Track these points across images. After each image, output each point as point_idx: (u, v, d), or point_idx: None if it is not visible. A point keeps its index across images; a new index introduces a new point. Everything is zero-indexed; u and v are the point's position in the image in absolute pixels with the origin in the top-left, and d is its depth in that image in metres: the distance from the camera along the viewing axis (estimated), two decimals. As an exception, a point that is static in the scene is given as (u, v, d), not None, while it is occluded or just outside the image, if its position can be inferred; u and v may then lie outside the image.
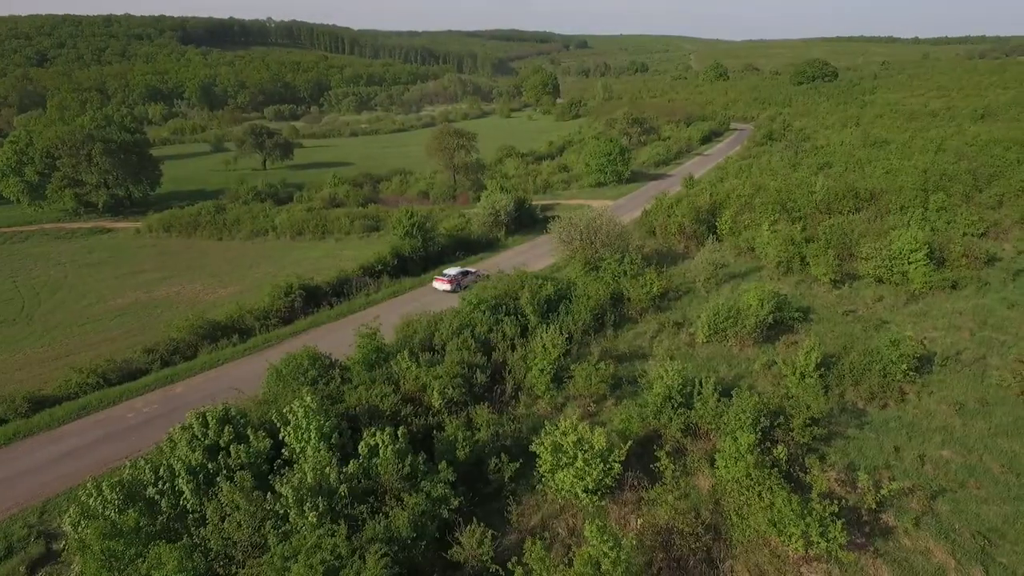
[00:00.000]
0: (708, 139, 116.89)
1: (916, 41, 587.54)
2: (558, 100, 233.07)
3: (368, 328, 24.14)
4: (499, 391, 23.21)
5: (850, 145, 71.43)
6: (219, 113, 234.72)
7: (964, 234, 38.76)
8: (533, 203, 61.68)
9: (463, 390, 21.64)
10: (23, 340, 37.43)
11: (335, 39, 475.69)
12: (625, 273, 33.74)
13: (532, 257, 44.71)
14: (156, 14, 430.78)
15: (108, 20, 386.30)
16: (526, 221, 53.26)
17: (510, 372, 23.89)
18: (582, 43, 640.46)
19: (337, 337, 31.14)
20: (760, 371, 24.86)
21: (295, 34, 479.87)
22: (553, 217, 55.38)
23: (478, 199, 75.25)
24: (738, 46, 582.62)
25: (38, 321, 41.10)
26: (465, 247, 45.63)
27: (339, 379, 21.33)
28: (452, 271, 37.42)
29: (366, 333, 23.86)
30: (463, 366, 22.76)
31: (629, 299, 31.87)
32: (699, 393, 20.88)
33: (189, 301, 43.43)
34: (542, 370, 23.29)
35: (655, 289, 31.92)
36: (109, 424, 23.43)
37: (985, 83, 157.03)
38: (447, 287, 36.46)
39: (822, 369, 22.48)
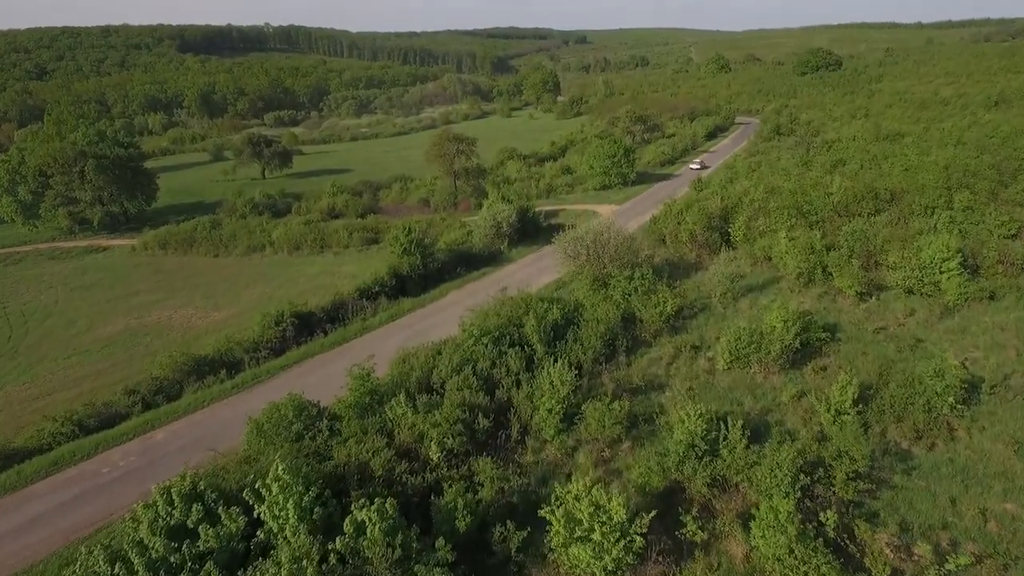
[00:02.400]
0: (713, 135, 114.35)
1: (919, 26, 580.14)
2: (559, 98, 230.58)
3: (361, 369, 22.17)
4: (503, 436, 21.20)
5: (863, 139, 68.86)
6: (218, 121, 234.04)
7: (996, 236, 36.37)
8: (537, 210, 59.64)
9: (464, 439, 19.66)
10: (6, 376, 35.80)
11: (334, 42, 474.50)
12: (636, 290, 31.63)
13: (537, 271, 42.62)
14: (154, 23, 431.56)
15: (106, 31, 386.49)
16: (530, 231, 51.17)
17: (516, 413, 21.89)
18: (581, 38, 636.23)
19: (330, 370, 29.22)
20: (789, 404, 22.73)
21: (293, 39, 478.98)
22: (558, 229, 53.34)
23: (480, 205, 73.22)
24: (738, 36, 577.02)
25: (23, 353, 39.46)
26: (467, 262, 43.60)
27: (327, 431, 19.39)
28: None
29: (359, 374, 21.90)
30: (464, 409, 20.78)
31: (641, 320, 29.79)
32: (725, 438, 18.81)
33: (180, 327, 41.69)
34: (550, 410, 21.28)
35: (669, 308, 29.81)
36: (82, 481, 21.61)
37: (995, 68, 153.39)
38: None
39: (860, 405, 20.31)
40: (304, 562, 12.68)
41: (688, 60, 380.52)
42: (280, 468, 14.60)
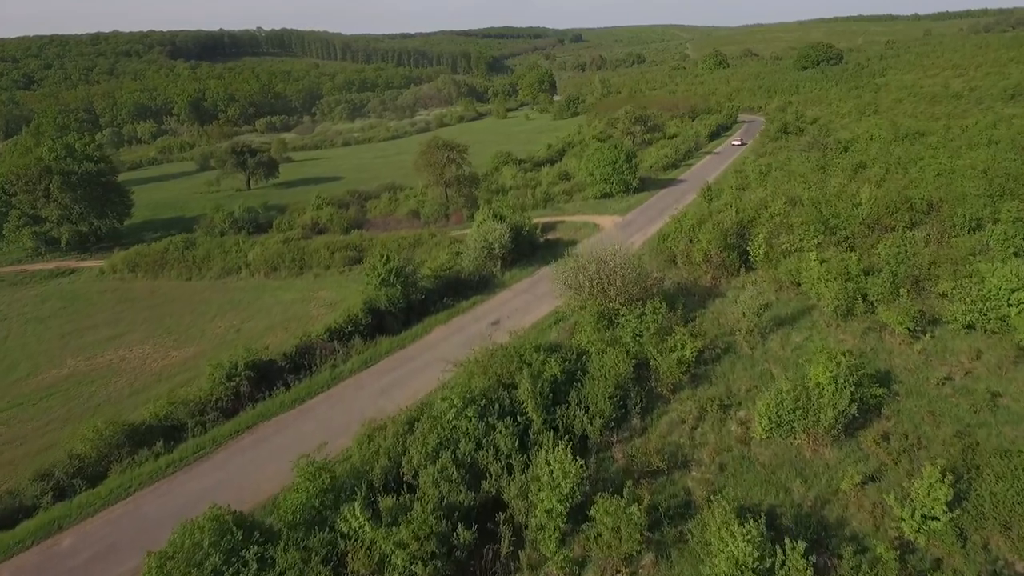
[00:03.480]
0: (716, 134, 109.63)
1: (916, 18, 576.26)
2: (555, 97, 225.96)
3: (309, 462, 17.48)
4: (490, 553, 16.52)
5: (881, 139, 64.17)
6: (208, 128, 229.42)
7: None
8: (533, 223, 54.96)
9: (439, 564, 15.02)
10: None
11: (327, 45, 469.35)
12: (648, 330, 26.94)
13: (533, 299, 37.89)
14: (145, 30, 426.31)
15: (96, 38, 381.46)
16: (525, 249, 46.47)
17: (507, 517, 17.22)
18: (576, 37, 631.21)
19: (288, 437, 24.59)
20: (851, 494, 18.07)
21: (286, 43, 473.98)
22: (557, 247, 48.67)
23: (472, 217, 68.54)
24: (734, 32, 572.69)
25: (-49, 406, 34.79)
26: (455, 289, 38.91)
27: (255, 563, 14.71)
28: None
29: (306, 470, 17.20)
30: (440, 515, 16.14)
31: (657, 369, 25.14)
32: (783, 564, 14.17)
33: (132, 371, 36.99)
34: (549, 511, 16.66)
35: (688, 354, 25.14)
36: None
37: (1003, 58, 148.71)
38: None
39: (954, 511, 15.61)
40: None
41: (684, 56, 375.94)
42: None
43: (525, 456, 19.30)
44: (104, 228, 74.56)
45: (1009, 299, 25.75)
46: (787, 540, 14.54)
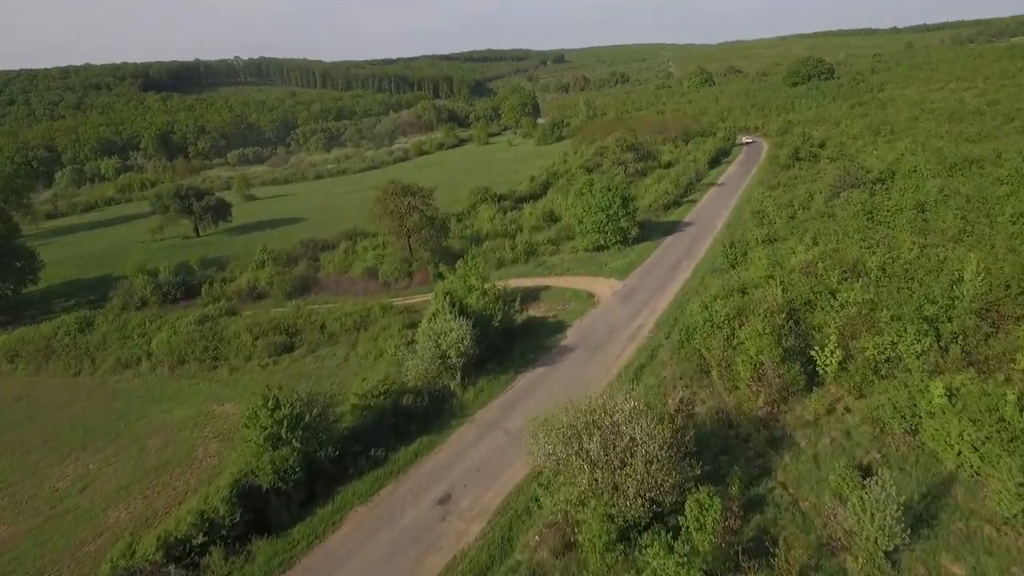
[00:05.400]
0: (716, 160, 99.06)
1: (895, 31, 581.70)
2: (539, 120, 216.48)
3: None
4: None
5: (925, 170, 53.30)
6: (175, 163, 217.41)
7: None
8: (510, 287, 43.24)
9: None
10: None
11: (306, 73, 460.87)
12: (693, 567, 14.99)
13: (507, 442, 25.69)
14: (118, 62, 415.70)
15: (65, 72, 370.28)
16: (497, 342, 34.48)
17: None
18: (559, 57, 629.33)
19: None
20: None
21: (264, 71, 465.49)
22: (540, 330, 36.68)
23: (440, 276, 56.82)
24: (714, 49, 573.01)
25: None
26: (393, 425, 26.79)
27: None
28: None
29: None
30: None
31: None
32: None
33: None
34: None
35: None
36: None
37: (1011, 69, 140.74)
38: None
39: None
40: None
41: (668, 75, 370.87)
42: None
43: None
44: (-2, 298, 62.09)
45: None
46: None
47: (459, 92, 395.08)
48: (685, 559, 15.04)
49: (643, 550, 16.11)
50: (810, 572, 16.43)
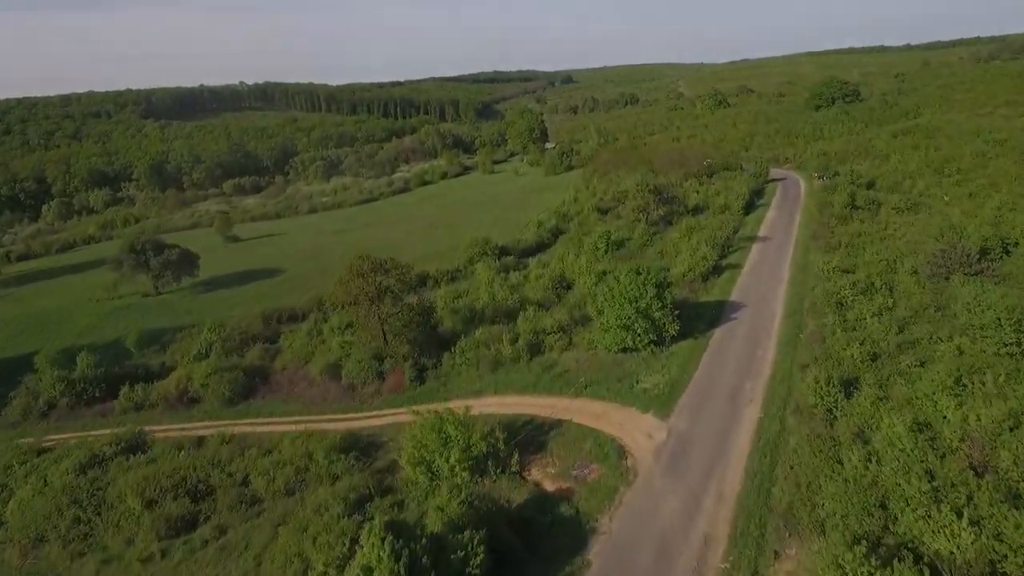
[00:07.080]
0: (750, 203, 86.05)
1: (909, 48, 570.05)
2: (547, 145, 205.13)
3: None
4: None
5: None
6: (167, 194, 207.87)
7: None
8: (508, 461, 30.51)
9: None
10: None
11: (311, 97, 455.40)
12: None
13: None
14: (122, 88, 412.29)
15: (66, 100, 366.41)
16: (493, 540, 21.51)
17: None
18: (567, 79, 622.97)
19: None
20: None
21: (269, 96, 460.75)
22: (551, 536, 23.77)
23: (421, 381, 44.75)
24: (723, 68, 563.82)
25: None
26: None
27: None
28: None
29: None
30: None
31: None
32: None
33: None
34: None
35: None
36: None
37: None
38: None
39: None
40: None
41: (679, 95, 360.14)
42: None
43: None
44: None
45: None
46: None
47: (465, 115, 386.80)
48: None
49: None
50: None
